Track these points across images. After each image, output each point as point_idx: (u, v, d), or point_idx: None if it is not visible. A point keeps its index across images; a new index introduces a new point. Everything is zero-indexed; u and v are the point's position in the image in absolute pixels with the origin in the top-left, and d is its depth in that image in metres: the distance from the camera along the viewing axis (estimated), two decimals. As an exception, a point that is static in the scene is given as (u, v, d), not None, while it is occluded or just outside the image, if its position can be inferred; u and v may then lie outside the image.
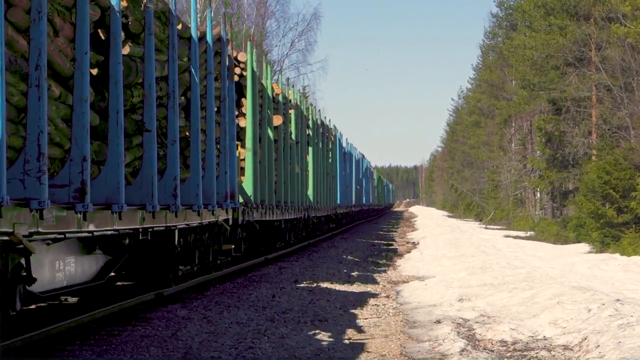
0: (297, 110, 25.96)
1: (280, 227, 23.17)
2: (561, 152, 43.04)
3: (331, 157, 35.35)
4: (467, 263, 21.68)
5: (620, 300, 12.09)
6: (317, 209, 30.18)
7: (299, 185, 25.84)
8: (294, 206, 24.52)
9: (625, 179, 29.67)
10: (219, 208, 14.25)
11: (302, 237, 28.72)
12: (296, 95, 26.42)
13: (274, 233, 22.54)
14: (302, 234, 28.42)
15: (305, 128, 27.66)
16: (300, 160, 26.31)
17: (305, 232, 29.09)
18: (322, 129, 32.30)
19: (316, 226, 32.28)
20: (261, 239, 21.92)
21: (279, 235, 23.34)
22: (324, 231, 35.59)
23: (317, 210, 30.12)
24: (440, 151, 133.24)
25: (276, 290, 15.46)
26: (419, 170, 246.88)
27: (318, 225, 32.93)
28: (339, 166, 38.79)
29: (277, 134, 22.23)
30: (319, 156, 30.81)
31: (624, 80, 34.07)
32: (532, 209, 56.17)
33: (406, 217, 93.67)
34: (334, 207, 36.63)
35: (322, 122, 32.52)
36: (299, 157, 26.10)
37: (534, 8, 42.51)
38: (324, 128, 32.73)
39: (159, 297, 12.92)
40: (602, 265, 21.92)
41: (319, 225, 33.39)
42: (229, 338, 10.22)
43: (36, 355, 8.84)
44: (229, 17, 50.95)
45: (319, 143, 30.85)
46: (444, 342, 10.24)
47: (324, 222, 35.08)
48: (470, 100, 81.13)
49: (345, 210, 44.16)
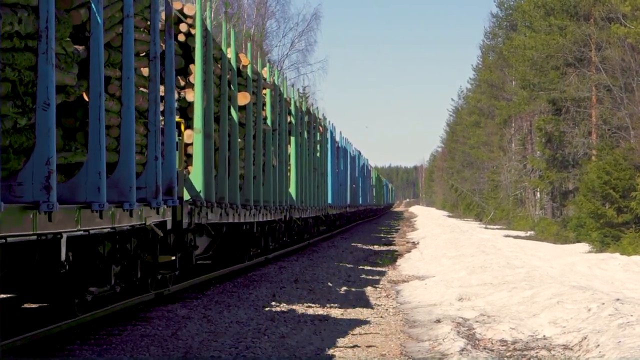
0: (275, 92, 21.66)
1: (252, 231, 19.30)
2: (561, 153, 43.04)
3: (320, 151, 31.07)
4: (467, 263, 21.68)
5: (620, 299, 12.09)
6: (302, 209, 26.17)
7: (276, 181, 21.44)
8: (269, 206, 20.28)
9: (625, 179, 29.67)
10: (146, 207, 10.58)
11: (285, 242, 24.97)
12: (275, 74, 22.44)
13: (244, 238, 18.87)
14: (284, 238, 24.17)
15: (285, 114, 23.54)
16: (280, 152, 22.29)
17: (288, 236, 24.92)
18: (309, 118, 28.21)
19: (302, 229, 28.13)
20: (229, 245, 18.37)
21: (252, 241, 19.47)
22: (312, 234, 31.65)
23: (302, 210, 26.01)
24: (440, 151, 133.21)
25: (276, 290, 15.46)
26: (419, 171, 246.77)
27: (305, 228, 28.72)
28: (330, 162, 35.20)
29: (244, 116, 17.86)
30: (304, 148, 26.67)
31: (623, 81, 34.06)
32: (532, 209, 56.16)
33: (406, 217, 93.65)
34: (324, 208, 32.50)
35: (309, 110, 28.77)
36: (278, 147, 21.97)
37: (534, 8, 42.51)
38: (310, 117, 28.57)
39: (159, 296, 12.92)
40: (602, 265, 21.93)
41: (306, 228, 29.11)
42: (229, 337, 10.22)
43: (36, 355, 8.84)
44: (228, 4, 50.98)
45: (304, 133, 26.65)
46: (444, 341, 10.24)
47: (312, 224, 30.84)
48: (470, 100, 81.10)
49: (339, 211, 40.43)
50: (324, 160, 32.47)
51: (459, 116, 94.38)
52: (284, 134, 22.97)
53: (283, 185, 22.66)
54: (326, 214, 33.71)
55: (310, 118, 28.52)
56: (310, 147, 28.28)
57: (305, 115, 27.34)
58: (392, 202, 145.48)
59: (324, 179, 32.40)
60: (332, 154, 36.14)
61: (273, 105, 21.39)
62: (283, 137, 22.84)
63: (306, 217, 27.68)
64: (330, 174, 35.24)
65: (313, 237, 31.69)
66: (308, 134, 27.57)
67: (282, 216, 22.39)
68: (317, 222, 32.42)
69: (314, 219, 30.81)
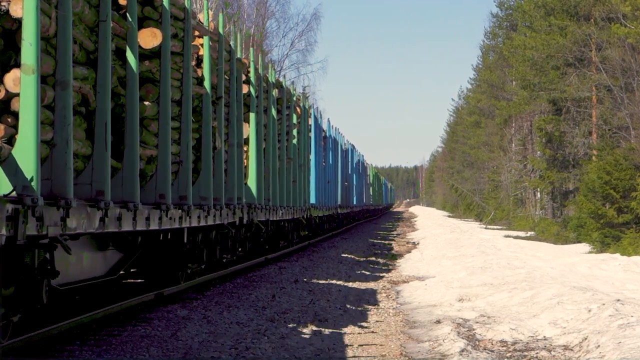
0: (220, 44, 15.10)
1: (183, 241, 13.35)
2: (561, 153, 43.03)
3: (299, 138, 24.85)
4: (467, 263, 21.67)
5: (620, 300, 12.09)
6: (267, 208, 19.60)
7: (220, 169, 14.76)
8: (207, 204, 13.69)
9: (625, 179, 29.65)
10: None
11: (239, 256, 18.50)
12: (219, 21, 15.61)
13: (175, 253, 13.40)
14: (236, 250, 17.55)
15: (240, 81, 16.97)
16: (231, 132, 15.89)
17: (244, 247, 18.54)
18: (280, 94, 21.88)
19: (272, 236, 22.10)
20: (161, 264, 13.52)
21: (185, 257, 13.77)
22: (290, 241, 25.00)
23: (266, 211, 19.42)
24: (441, 151, 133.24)
25: (276, 290, 15.45)
26: (419, 171, 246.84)
27: (276, 235, 22.66)
28: (314, 153, 29.32)
29: (155, 68, 11.67)
30: (272, 130, 20.32)
31: (624, 81, 34.05)
32: (532, 209, 56.14)
33: (406, 217, 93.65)
34: (305, 208, 26.12)
35: (281, 84, 22.31)
36: (226, 125, 15.77)
37: (534, 8, 42.51)
38: (283, 92, 22.08)
39: (159, 297, 12.91)
40: (603, 265, 21.90)
41: (278, 235, 22.94)
42: (229, 338, 10.21)
43: (36, 355, 8.83)
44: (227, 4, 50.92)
45: (272, 111, 20.28)
46: (444, 342, 10.23)
47: (288, 229, 24.23)
48: (470, 100, 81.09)
49: (327, 213, 33.85)
50: (304, 149, 25.92)
51: (459, 116, 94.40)
52: (235, 106, 16.18)
53: (234, 176, 15.90)
54: (308, 217, 27.48)
55: (283, 94, 22.17)
56: (282, 130, 22.01)
57: (274, 89, 20.95)
58: (391, 202, 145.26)
59: (303, 173, 25.83)
60: (317, 144, 30.30)
61: (213, 64, 14.62)
62: (235, 112, 16.15)
63: (277, 219, 21.37)
64: (314, 168, 29.44)
65: (290, 245, 25.04)
66: (279, 113, 21.62)
67: (236, 219, 16.20)
68: (295, 226, 25.76)
69: (291, 222, 24.59)
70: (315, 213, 29.40)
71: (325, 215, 33.91)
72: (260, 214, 18.74)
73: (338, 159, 38.08)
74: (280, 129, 21.80)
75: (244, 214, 16.86)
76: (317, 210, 29.78)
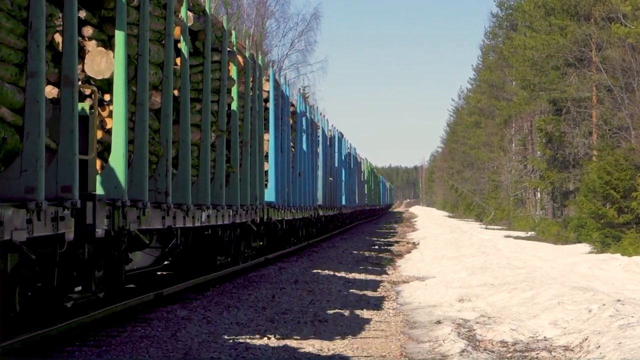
0: None
1: None
2: (562, 153, 43.01)
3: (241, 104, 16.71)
4: (468, 263, 21.66)
5: (621, 300, 12.07)
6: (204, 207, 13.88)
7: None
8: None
9: (625, 179, 29.64)
10: None
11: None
12: None
13: None
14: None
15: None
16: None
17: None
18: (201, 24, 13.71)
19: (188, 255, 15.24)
20: None
21: None
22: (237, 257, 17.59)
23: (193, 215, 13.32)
24: (441, 151, 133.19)
25: (276, 291, 15.44)
26: (419, 171, 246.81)
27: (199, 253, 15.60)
28: (273, 132, 21.56)
29: None
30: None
31: (624, 81, 34.03)
32: (532, 209, 56.14)
33: (406, 217, 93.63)
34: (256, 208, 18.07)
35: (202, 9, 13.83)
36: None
37: (534, 8, 42.49)
38: (206, 22, 13.78)
39: (159, 297, 12.89)
40: (603, 266, 21.89)
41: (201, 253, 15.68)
42: (229, 338, 10.19)
43: (36, 355, 8.81)
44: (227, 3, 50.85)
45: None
46: (444, 342, 10.22)
47: (228, 241, 16.53)
48: (470, 100, 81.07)
49: (299, 215, 25.79)
50: (254, 123, 18.06)
51: (459, 116, 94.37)
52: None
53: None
54: (267, 220, 20.33)
55: (207, 25, 13.94)
56: (206, 83, 13.95)
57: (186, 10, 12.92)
58: (391, 202, 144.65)
59: (251, 156, 17.56)
60: (281, 120, 22.72)
61: None
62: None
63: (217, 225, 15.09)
64: (273, 151, 21.58)
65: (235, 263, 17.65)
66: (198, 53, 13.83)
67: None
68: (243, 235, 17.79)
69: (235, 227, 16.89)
70: (274, 215, 21.48)
71: (297, 219, 26.18)
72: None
73: (318, 146, 30.90)
74: (203, 81, 13.89)
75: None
76: (277, 212, 21.95)
